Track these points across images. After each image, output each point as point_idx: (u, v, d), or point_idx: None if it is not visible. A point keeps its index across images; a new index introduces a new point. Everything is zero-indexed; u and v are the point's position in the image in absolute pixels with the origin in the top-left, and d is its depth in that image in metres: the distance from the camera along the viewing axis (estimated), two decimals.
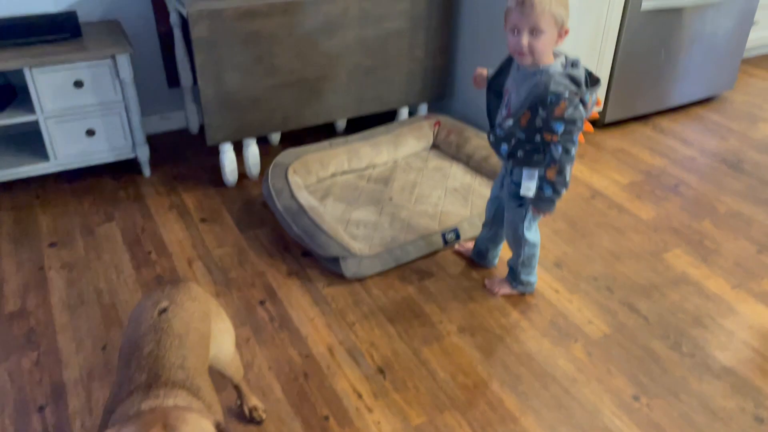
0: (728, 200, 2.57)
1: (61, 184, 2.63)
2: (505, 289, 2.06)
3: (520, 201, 1.86)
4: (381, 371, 1.78)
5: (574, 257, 2.23)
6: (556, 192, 1.73)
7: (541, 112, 1.65)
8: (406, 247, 2.18)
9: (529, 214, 1.87)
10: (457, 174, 2.59)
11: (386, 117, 3.02)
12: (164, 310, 1.28)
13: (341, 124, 3.07)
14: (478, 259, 2.17)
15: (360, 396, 1.70)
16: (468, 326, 1.93)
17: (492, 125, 1.87)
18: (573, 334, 1.91)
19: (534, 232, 1.93)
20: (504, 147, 1.79)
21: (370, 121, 2.95)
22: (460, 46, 2.87)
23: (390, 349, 1.85)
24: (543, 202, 1.77)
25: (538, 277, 2.12)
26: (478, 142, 2.64)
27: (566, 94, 1.61)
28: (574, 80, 1.63)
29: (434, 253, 2.24)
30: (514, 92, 1.73)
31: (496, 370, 1.78)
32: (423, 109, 3.01)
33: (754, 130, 3.14)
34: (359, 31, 2.56)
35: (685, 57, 3.09)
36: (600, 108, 1.85)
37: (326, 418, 1.64)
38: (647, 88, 3.08)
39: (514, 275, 2.03)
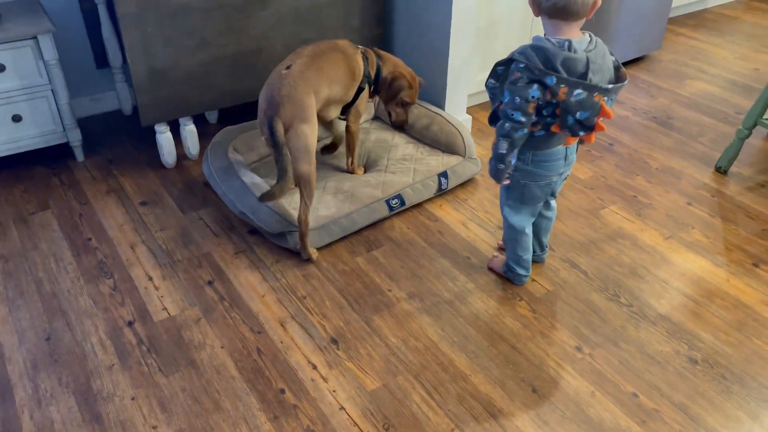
0: (659, 156, 2.68)
1: None
2: (494, 264, 2.04)
3: None
4: (334, 342, 1.80)
5: None
6: (490, 159, 1.70)
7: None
8: (352, 217, 2.19)
9: (507, 193, 1.84)
10: (400, 145, 2.60)
11: None
12: (288, 67, 1.98)
13: None
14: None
15: (315, 367, 1.72)
16: (417, 292, 1.97)
17: None
18: (517, 293, 1.97)
19: (519, 217, 1.86)
20: (491, 114, 1.70)
21: None
22: (396, 15, 2.86)
23: (342, 319, 1.87)
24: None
25: (485, 241, 2.17)
26: (419, 111, 2.65)
27: (521, 65, 1.54)
28: (546, 57, 1.52)
29: (381, 221, 2.26)
30: None
31: (445, 333, 1.83)
32: None
33: (681, 87, 3.27)
34: (293, 2, 2.51)
35: (615, 19, 3.18)
36: (611, 118, 1.59)
37: (282, 391, 1.65)
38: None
39: (507, 257, 2.00)
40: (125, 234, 2.21)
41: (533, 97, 1.55)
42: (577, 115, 1.56)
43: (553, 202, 1.96)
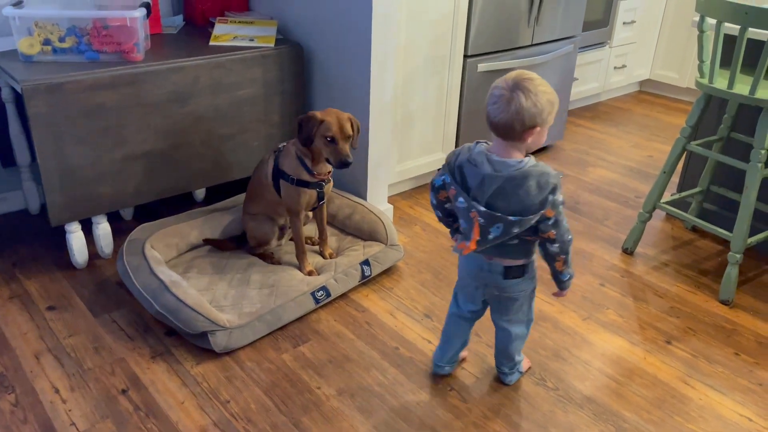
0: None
1: None
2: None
3: None
4: None
5: (442, 306, 2.31)
6: None
7: None
8: (277, 312, 2.14)
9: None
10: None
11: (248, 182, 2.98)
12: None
13: (200, 193, 2.99)
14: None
15: None
16: (347, 388, 1.92)
17: None
18: (447, 382, 1.96)
19: (455, 296, 1.90)
20: None
21: (232, 188, 2.90)
22: (316, 109, 2.93)
23: (268, 423, 1.78)
24: None
25: (412, 330, 2.17)
26: (341, 202, 2.69)
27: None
28: (455, 158, 1.64)
29: (307, 314, 2.22)
30: None
31: (378, 430, 1.77)
32: None
33: (584, 174, 3.49)
34: (212, 99, 2.54)
35: None
36: (477, 238, 1.60)
37: None
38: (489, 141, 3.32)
39: None
40: (29, 343, 2.05)
41: (435, 184, 1.68)
42: (461, 222, 1.64)
43: (501, 323, 1.86)
